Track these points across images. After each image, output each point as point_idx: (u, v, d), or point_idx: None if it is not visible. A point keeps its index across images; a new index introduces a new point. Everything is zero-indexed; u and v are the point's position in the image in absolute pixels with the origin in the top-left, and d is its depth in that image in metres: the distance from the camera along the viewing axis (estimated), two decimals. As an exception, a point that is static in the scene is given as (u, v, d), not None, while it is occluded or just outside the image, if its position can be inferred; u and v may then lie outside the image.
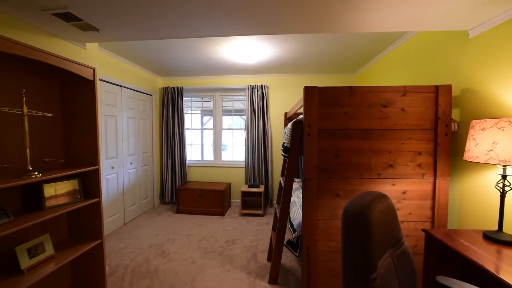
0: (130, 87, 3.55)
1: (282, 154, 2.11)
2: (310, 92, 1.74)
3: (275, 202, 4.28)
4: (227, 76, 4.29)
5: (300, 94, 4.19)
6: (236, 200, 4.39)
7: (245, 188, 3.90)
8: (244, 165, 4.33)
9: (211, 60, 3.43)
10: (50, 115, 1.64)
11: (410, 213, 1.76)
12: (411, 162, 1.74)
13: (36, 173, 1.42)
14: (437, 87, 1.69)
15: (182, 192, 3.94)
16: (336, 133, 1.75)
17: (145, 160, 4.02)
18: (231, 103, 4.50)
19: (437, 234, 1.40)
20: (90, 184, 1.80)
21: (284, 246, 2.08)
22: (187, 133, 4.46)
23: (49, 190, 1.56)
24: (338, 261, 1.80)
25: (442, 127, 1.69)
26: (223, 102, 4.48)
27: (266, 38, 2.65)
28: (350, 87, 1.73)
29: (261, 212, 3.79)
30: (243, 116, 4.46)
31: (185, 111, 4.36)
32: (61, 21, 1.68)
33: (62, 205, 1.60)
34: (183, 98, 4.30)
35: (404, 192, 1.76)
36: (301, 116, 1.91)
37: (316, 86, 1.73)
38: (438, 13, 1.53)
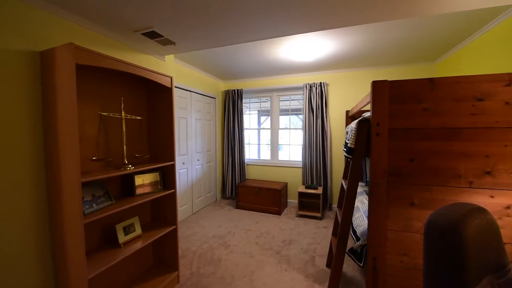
0: (198, 92, 3.95)
1: (345, 156, 1.98)
2: (379, 87, 1.57)
3: (334, 205, 4.05)
4: (284, 76, 4.29)
5: (364, 90, 3.84)
6: (293, 200, 4.35)
7: (302, 189, 3.82)
8: (301, 166, 4.25)
9: (269, 61, 3.49)
10: (140, 118, 1.97)
11: (517, 234, 1.40)
12: (519, 169, 1.38)
13: (130, 166, 1.73)
14: None
15: (241, 188, 4.15)
16: (411, 132, 1.53)
17: (209, 158, 4.40)
18: (288, 102, 4.47)
19: None
20: (167, 177, 2.09)
21: (346, 254, 1.95)
22: (245, 133, 4.67)
23: (138, 180, 1.88)
24: (413, 279, 1.57)
25: None
26: (280, 101, 4.50)
27: (326, 33, 2.52)
28: (431, 79, 1.49)
29: (319, 214, 3.65)
30: (300, 116, 4.38)
31: (244, 112, 4.57)
32: (147, 39, 1.99)
33: (148, 194, 1.90)
34: (243, 100, 4.51)
35: (508, 207, 1.41)
36: (367, 114, 1.75)
37: (386, 80, 1.55)
38: None
